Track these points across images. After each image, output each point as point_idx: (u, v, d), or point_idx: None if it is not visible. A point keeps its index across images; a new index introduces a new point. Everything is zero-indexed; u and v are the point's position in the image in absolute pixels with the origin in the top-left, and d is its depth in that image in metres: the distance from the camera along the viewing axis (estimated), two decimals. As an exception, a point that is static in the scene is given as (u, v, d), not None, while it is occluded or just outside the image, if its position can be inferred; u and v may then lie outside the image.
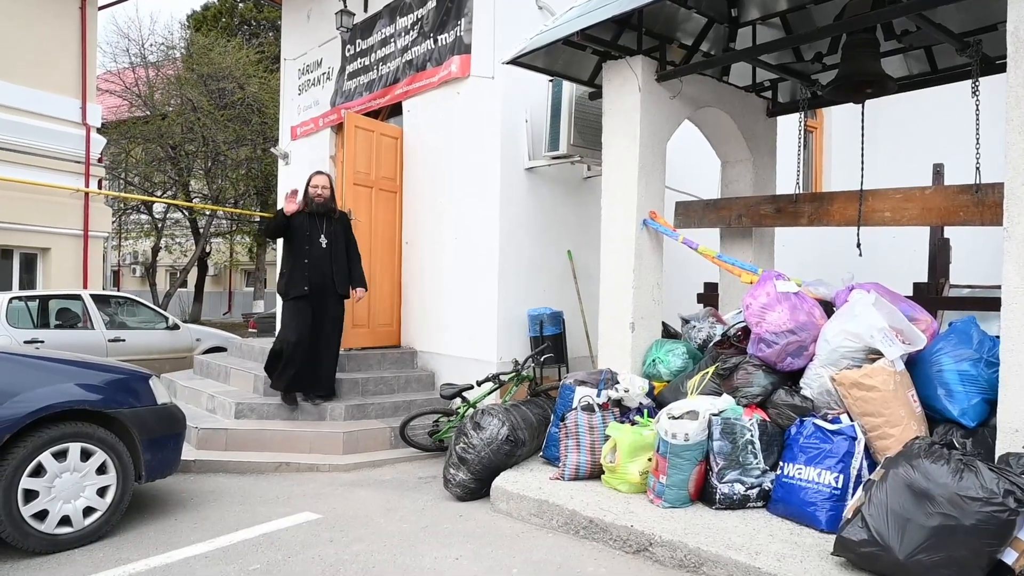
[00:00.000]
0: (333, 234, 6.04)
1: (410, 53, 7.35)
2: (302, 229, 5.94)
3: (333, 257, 6.00)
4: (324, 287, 5.93)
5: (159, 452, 4.26)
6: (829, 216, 5.01)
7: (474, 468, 4.52)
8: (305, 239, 5.92)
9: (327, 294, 5.96)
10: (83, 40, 13.13)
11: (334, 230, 6.06)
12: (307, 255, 5.90)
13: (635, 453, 4.08)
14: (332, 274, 5.98)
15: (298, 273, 5.89)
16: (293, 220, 5.90)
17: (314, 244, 5.93)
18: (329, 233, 6.01)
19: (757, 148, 5.92)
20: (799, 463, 3.61)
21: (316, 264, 5.91)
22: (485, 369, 6.16)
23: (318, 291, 5.90)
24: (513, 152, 6.46)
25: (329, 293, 5.97)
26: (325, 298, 5.94)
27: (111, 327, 9.21)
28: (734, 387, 4.08)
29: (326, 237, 5.98)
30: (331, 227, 6.05)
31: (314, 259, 5.91)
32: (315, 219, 5.99)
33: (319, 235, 5.96)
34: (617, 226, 5.07)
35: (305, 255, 5.90)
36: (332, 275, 5.98)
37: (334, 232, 6.05)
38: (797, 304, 3.99)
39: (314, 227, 5.97)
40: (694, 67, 4.96)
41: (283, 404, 5.99)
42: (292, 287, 5.90)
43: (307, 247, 5.90)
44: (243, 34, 21.88)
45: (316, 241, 5.94)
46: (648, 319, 5.08)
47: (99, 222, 13.47)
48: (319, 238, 5.95)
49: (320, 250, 5.94)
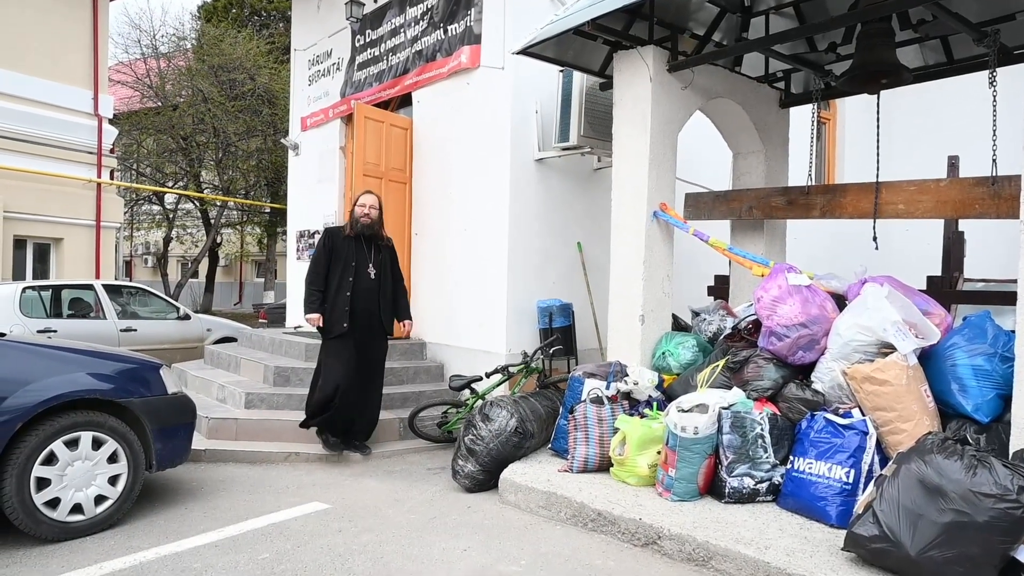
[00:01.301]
0: (381, 264, 5.34)
1: (420, 43, 7.33)
2: (347, 257, 5.21)
3: (381, 290, 5.30)
4: (370, 325, 5.25)
5: (169, 441, 4.29)
6: (842, 208, 4.96)
7: (483, 460, 4.53)
8: (351, 269, 5.19)
9: (373, 332, 5.29)
10: (95, 31, 13.19)
11: (382, 259, 5.36)
12: (351, 287, 5.17)
13: (644, 446, 4.07)
14: (379, 310, 5.29)
15: (341, 307, 5.14)
16: (336, 245, 5.24)
17: (361, 275, 5.21)
18: (378, 262, 5.31)
19: (769, 139, 5.86)
20: (810, 457, 3.59)
21: (362, 298, 5.20)
22: (494, 361, 6.16)
23: (363, 329, 5.21)
24: (523, 143, 6.43)
25: (375, 331, 5.30)
26: (371, 337, 5.27)
27: (123, 317, 9.26)
28: (744, 380, 4.06)
29: (375, 267, 5.27)
30: (379, 255, 5.34)
31: (360, 291, 5.19)
32: (361, 244, 5.26)
33: (367, 264, 5.25)
34: (627, 218, 5.04)
35: (349, 287, 5.17)
36: (379, 311, 5.29)
37: (382, 261, 5.35)
38: (809, 297, 3.95)
39: (361, 254, 5.25)
40: (706, 57, 4.91)
41: (325, 450, 5.35)
42: (334, 323, 5.16)
43: (352, 279, 5.17)
44: (253, 25, 21.85)
45: (363, 272, 5.22)
46: (658, 311, 5.05)
47: (111, 212, 13.56)
48: (367, 268, 5.24)
49: (368, 282, 5.22)
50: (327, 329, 5.21)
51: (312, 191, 9.04)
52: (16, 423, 3.55)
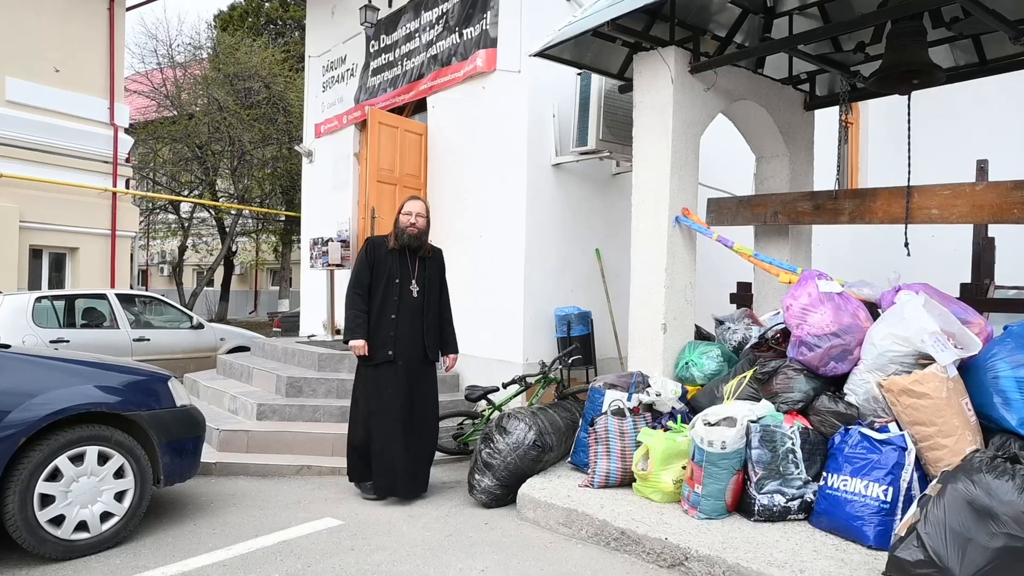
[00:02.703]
0: (427, 280, 4.65)
1: (435, 48, 7.23)
2: (390, 272, 4.55)
3: (425, 311, 4.62)
4: (414, 351, 4.57)
5: (178, 456, 4.17)
6: (872, 214, 4.80)
7: (500, 474, 4.38)
8: (394, 287, 4.54)
9: (416, 359, 4.59)
10: (111, 40, 13.24)
11: (428, 275, 4.67)
12: (395, 308, 4.52)
13: (668, 460, 3.90)
14: (423, 333, 4.61)
15: (383, 332, 4.50)
16: (378, 258, 4.59)
17: (405, 294, 4.55)
18: (422, 279, 4.63)
19: (794, 143, 5.69)
20: (844, 474, 3.40)
21: (406, 320, 4.54)
22: (510, 370, 6.01)
23: (407, 356, 4.54)
24: (540, 148, 6.30)
25: (419, 358, 4.60)
26: (415, 365, 4.58)
27: (136, 326, 9.22)
28: (773, 392, 3.88)
29: (418, 284, 4.60)
30: (425, 271, 4.66)
31: (404, 313, 4.54)
32: (406, 258, 4.61)
33: (410, 280, 4.59)
34: (648, 223, 4.89)
35: (392, 308, 4.52)
36: (423, 334, 4.61)
37: (428, 278, 4.67)
38: (841, 305, 3.77)
39: (404, 269, 4.59)
40: (729, 58, 4.76)
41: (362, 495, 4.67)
42: (376, 350, 4.50)
43: (396, 298, 4.52)
44: (269, 33, 21.98)
45: (407, 290, 4.57)
46: (680, 320, 4.89)
47: (127, 222, 13.57)
48: (410, 285, 4.58)
49: (412, 301, 4.57)
50: (369, 356, 4.52)
51: (326, 198, 8.96)
52: (19, 438, 3.44)
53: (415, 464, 4.55)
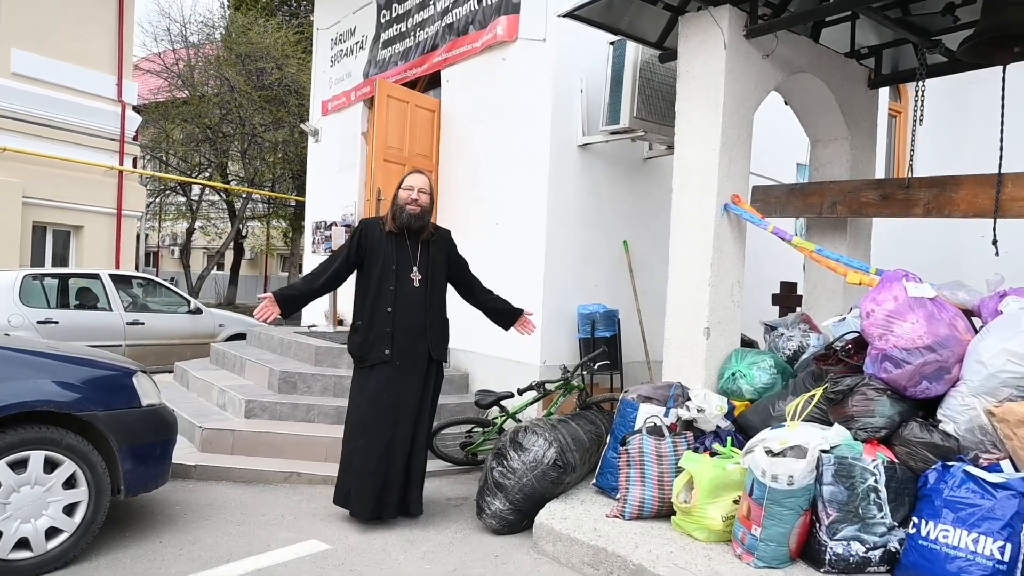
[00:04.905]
0: (431, 267, 3.97)
1: (451, 16, 6.58)
2: (385, 258, 3.89)
3: (429, 303, 3.96)
4: (414, 349, 3.90)
5: (142, 462, 3.63)
6: (953, 205, 4.15)
7: (514, 497, 3.76)
8: (390, 276, 3.87)
9: (418, 359, 3.92)
10: (120, 15, 12.86)
11: (431, 260, 3.99)
12: (390, 300, 3.87)
13: (716, 492, 3.27)
14: (426, 327, 3.94)
15: (378, 328, 3.85)
16: (373, 243, 3.92)
17: (403, 283, 3.89)
18: (425, 265, 3.95)
19: (856, 125, 5.01)
20: (944, 522, 2.76)
21: (405, 314, 3.88)
22: (526, 373, 5.39)
23: (407, 355, 3.88)
24: (565, 126, 5.64)
25: (421, 358, 3.93)
26: (416, 365, 3.92)
27: (131, 309, 8.73)
28: (848, 415, 3.22)
29: (420, 272, 3.93)
30: (428, 256, 3.98)
31: (403, 305, 3.88)
32: (404, 241, 3.94)
33: (410, 268, 3.91)
34: (692, 210, 4.24)
35: (388, 299, 3.86)
36: (426, 329, 3.94)
37: (431, 263, 3.98)
38: (935, 313, 3.11)
39: (403, 254, 3.92)
40: (794, 18, 4.08)
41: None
42: (370, 348, 3.85)
43: (392, 287, 3.86)
44: (283, 14, 21.39)
45: (406, 279, 3.90)
46: (726, 323, 4.24)
47: (133, 201, 13.25)
48: (410, 273, 3.91)
49: (412, 291, 3.90)
50: (361, 356, 3.90)
51: (332, 180, 8.36)
52: (-60, 443, 2.89)
53: (408, 486, 3.91)
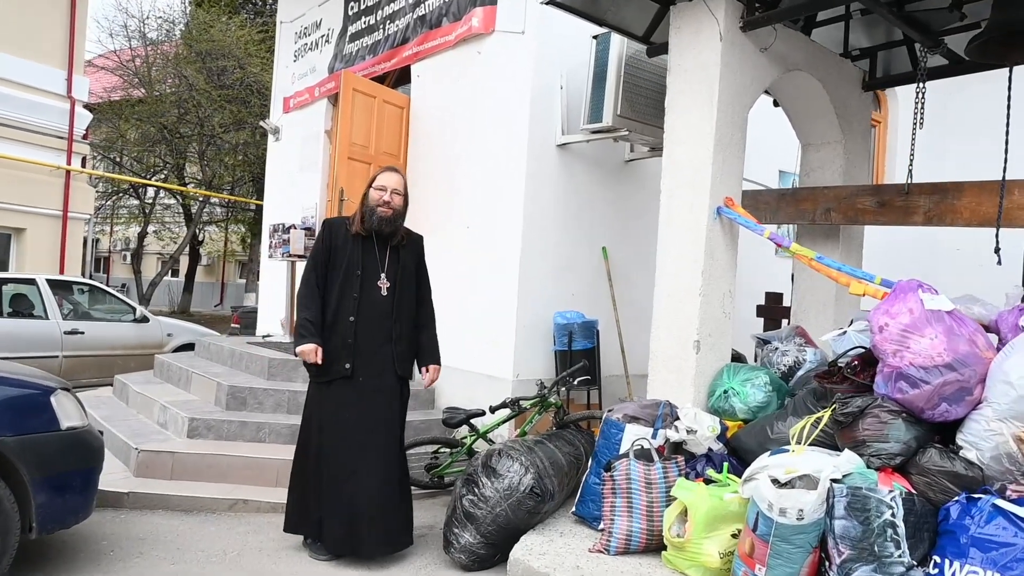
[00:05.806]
0: (400, 275, 3.62)
1: (423, 7, 6.21)
2: (350, 263, 3.54)
3: (396, 313, 3.59)
4: (380, 363, 3.54)
5: (60, 494, 3.18)
6: (955, 213, 3.93)
7: (486, 529, 3.37)
8: (354, 282, 3.52)
9: (384, 373, 3.56)
10: (72, 7, 12.17)
11: (401, 267, 3.64)
12: (353, 308, 3.50)
13: (713, 525, 2.93)
14: (392, 341, 3.57)
15: (339, 339, 3.48)
16: (337, 245, 3.58)
17: (368, 291, 3.53)
18: (394, 272, 3.60)
19: (850, 128, 4.76)
20: (973, 563, 2.45)
21: (370, 324, 3.52)
22: (498, 388, 5.03)
23: (370, 370, 3.51)
24: (544, 125, 5.30)
25: (387, 372, 3.57)
26: (382, 380, 3.55)
27: (70, 317, 8.10)
28: (858, 440, 2.90)
29: (388, 279, 3.58)
30: (398, 263, 3.63)
31: (367, 315, 3.52)
32: (372, 245, 3.59)
33: (377, 274, 3.56)
34: (682, 214, 3.91)
35: (351, 308, 3.50)
36: (392, 343, 3.57)
37: (401, 269, 3.64)
38: (955, 328, 2.82)
39: (370, 259, 3.57)
40: (794, 9, 3.80)
41: (312, 556, 3.56)
42: (328, 363, 3.47)
43: (356, 294, 3.50)
44: (247, 12, 20.76)
45: (373, 286, 3.54)
46: (717, 336, 3.92)
47: (80, 203, 12.51)
48: (377, 280, 3.56)
49: (379, 300, 3.55)
50: (319, 370, 3.50)
51: (292, 180, 7.89)
52: None
53: (382, 512, 3.44)
